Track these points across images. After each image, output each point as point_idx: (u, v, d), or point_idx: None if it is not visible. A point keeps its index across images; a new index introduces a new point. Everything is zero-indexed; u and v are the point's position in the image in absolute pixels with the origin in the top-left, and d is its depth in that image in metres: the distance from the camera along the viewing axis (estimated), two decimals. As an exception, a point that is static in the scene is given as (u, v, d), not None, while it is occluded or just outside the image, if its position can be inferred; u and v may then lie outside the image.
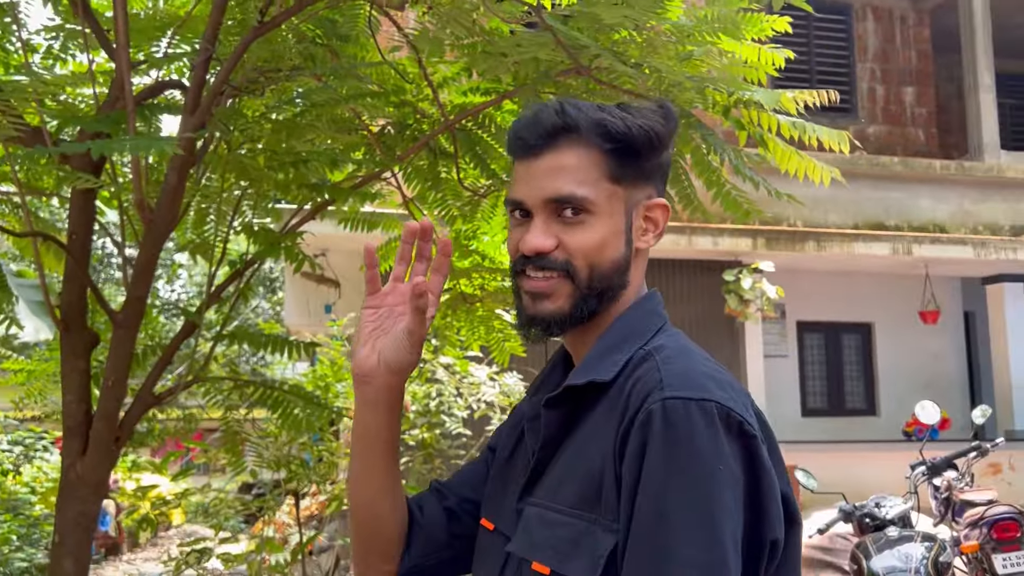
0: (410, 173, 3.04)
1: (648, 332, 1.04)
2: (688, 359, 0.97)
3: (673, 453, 0.88)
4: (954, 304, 10.24)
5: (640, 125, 1.02)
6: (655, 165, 1.07)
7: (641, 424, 0.90)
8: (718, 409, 0.90)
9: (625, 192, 1.04)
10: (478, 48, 2.57)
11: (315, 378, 4.01)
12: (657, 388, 0.92)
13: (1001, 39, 10.35)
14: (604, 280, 1.03)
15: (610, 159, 1.03)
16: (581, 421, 1.01)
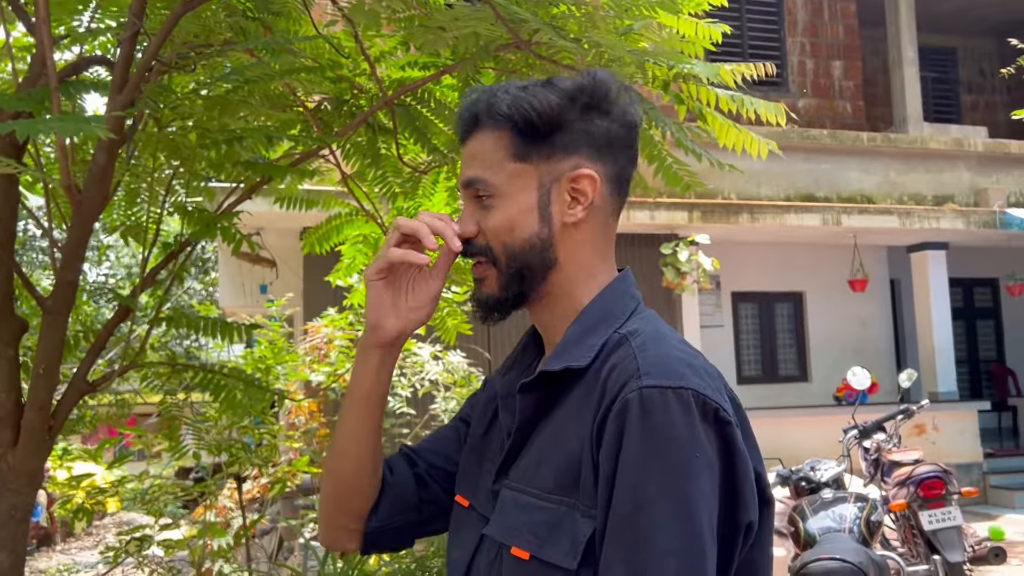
0: (349, 150, 2.99)
1: (623, 314, 1.04)
2: (663, 345, 0.97)
3: (650, 441, 0.88)
4: (881, 272, 10.58)
5: (526, 102, 1.02)
6: (578, 135, 1.04)
7: (618, 413, 0.90)
8: (694, 397, 0.90)
9: (536, 168, 1.04)
10: (415, 22, 2.54)
11: (254, 360, 3.94)
12: (634, 376, 0.92)
13: (923, 14, 10.65)
14: (519, 259, 1.04)
15: (515, 138, 1.03)
16: (557, 404, 1.01)
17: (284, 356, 3.84)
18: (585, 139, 1.05)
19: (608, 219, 1.08)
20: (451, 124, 2.94)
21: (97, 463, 3.88)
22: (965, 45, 13.01)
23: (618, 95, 1.05)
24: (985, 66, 13.18)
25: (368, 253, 3.44)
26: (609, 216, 1.08)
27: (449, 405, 5.11)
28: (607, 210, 1.07)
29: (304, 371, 4.59)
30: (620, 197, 1.09)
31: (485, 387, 1.24)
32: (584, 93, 1.03)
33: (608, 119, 1.05)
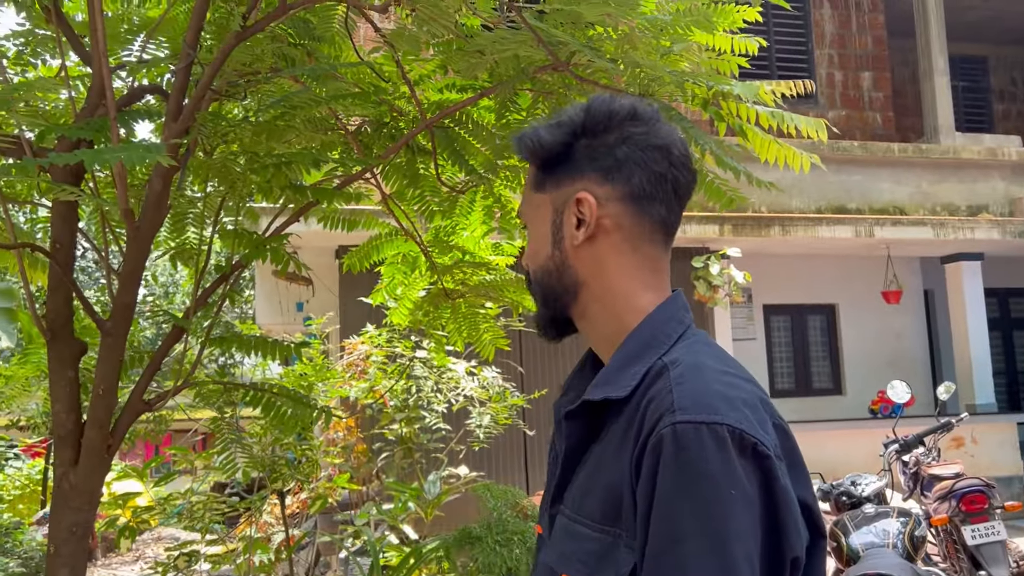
0: (388, 171, 3.05)
1: (667, 340, 1.03)
2: (700, 377, 0.95)
3: (684, 478, 0.88)
4: (915, 283, 10.48)
5: (531, 137, 1.09)
6: (582, 161, 1.07)
7: (652, 448, 0.90)
8: (730, 432, 0.89)
9: (551, 196, 1.09)
10: (454, 46, 2.60)
11: (296, 378, 4.01)
12: (668, 411, 0.91)
13: (953, 22, 10.57)
14: (540, 284, 1.11)
15: (536, 171, 1.11)
16: (601, 432, 1.02)
17: (325, 373, 3.90)
18: (589, 164, 1.08)
19: (638, 240, 1.07)
20: (488, 144, 2.99)
21: (143, 481, 3.97)
22: (996, 53, 12.89)
23: (624, 117, 1.07)
24: (1017, 75, 13.03)
25: (406, 271, 3.50)
26: (638, 237, 1.07)
27: (484, 420, 5.15)
28: (631, 231, 1.07)
29: (344, 387, 4.66)
30: (651, 217, 1.07)
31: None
32: (583, 121, 1.08)
33: (611, 141, 1.07)
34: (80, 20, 2.58)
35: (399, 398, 5.17)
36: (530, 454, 7.92)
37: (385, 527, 4.72)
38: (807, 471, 0.98)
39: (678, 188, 1.08)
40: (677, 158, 1.07)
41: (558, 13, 2.29)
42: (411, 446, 5.32)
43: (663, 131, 1.08)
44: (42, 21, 2.45)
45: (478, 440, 4.91)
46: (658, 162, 1.06)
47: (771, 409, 0.97)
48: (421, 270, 3.45)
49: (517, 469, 7.83)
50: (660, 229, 1.08)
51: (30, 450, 8.62)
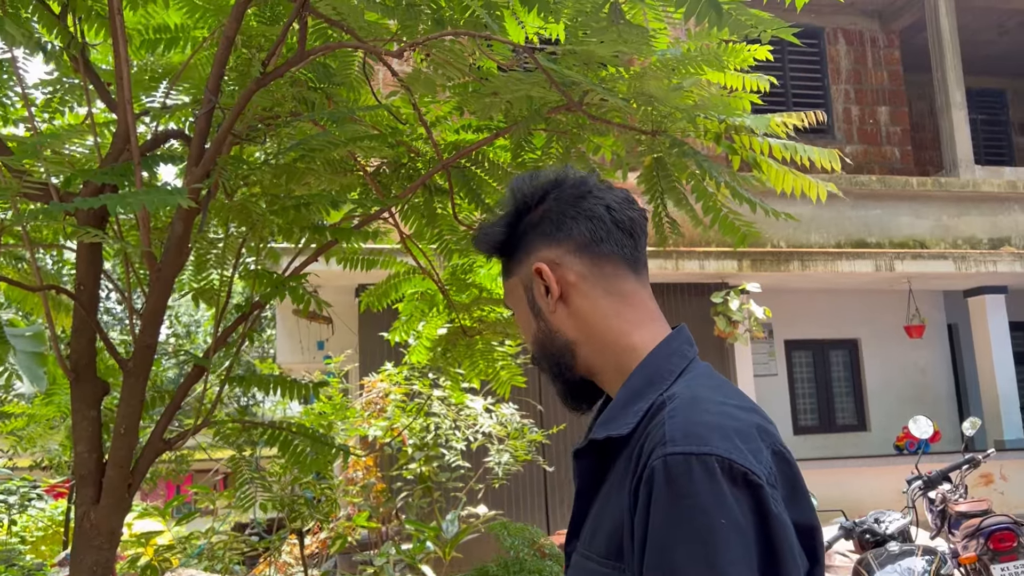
0: (406, 210, 3.09)
1: (670, 376, 1.05)
2: (694, 409, 0.97)
3: (675, 509, 0.89)
4: (938, 317, 10.38)
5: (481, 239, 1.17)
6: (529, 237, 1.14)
7: (646, 481, 0.92)
8: (719, 462, 0.90)
9: (519, 279, 1.15)
10: (469, 88, 2.65)
11: (315, 416, 4.02)
12: (660, 444, 0.93)
13: (969, 55, 10.60)
14: (540, 355, 1.15)
15: (501, 263, 1.19)
16: (611, 469, 1.04)
17: (344, 411, 3.92)
18: (535, 235, 1.14)
19: (605, 283, 1.10)
20: (504, 183, 3.03)
21: (164, 521, 3.99)
22: (1014, 87, 12.87)
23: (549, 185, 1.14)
24: (1036, 107, 13.00)
25: (424, 309, 3.52)
26: (604, 280, 1.10)
27: (503, 458, 5.13)
28: (594, 277, 1.10)
29: (362, 426, 4.67)
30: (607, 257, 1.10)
31: None
32: (514, 203, 1.15)
33: (545, 208, 1.13)
34: (106, 69, 2.65)
35: (418, 436, 5.17)
36: (550, 491, 7.86)
37: (404, 567, 4.70)
38: (809, 496, 0.99)
39: (624, 225, 1.11)
40: (612, 200, 1.12)
41: (571, 55, 2.33)
42: (430, 485, 5.31)
43: (590, 182, 1.14)
44: (70, 70, 2.53)
45: (497, 478, 4.89)
46: (594, 208, 1.11)
47: (770, 437, 0.97)
48: (439, 308, 3.48)
49: (537, 507, 7.78)
50: (622, 265, 1.11)
51: (53, 490, 8.68)
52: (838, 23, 10.69)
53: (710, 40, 2.49)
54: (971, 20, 10.56)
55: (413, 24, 2.27)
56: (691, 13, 1.90)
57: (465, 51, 2.32)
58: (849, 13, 10.53)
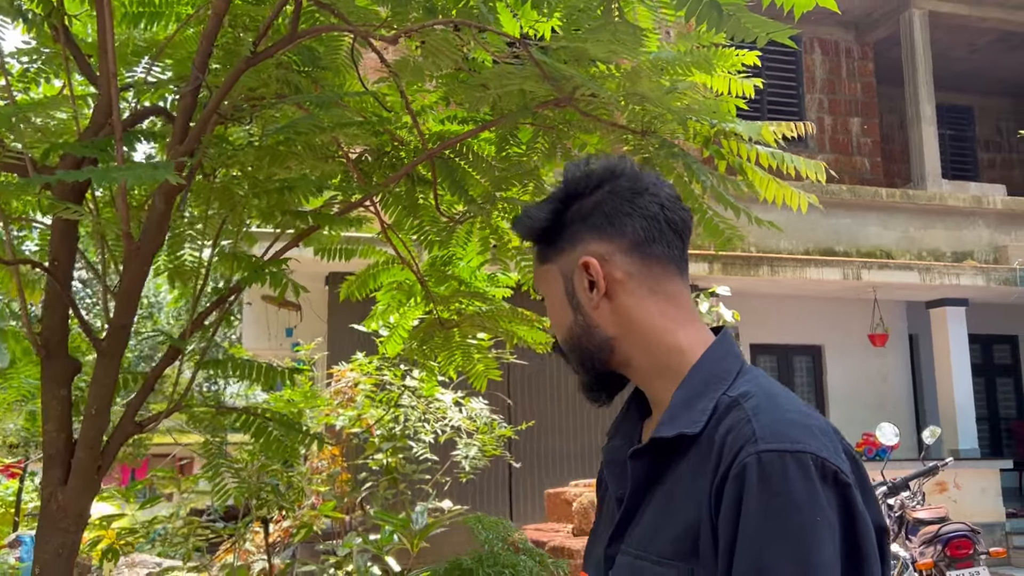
0: (387, 200, 3.06)
1: (728, 376, 1.05)
2: (776, 407, 0.97)
3: (770, 506, 0.89)
4: (900, 327, 10.55)
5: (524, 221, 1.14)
6: (578, 226, 1.12)
7: (735, 477, 0.91)
8: (813, 460, 0.90)
9: (558, 266, 1.13)
10: (457, 78, 2.62)
11: (284, 404, 3.98)
12: (750, 441, 0.92)
13: (939, 71, 10.77)
14: (573, 349, 1.12)
15: (538, 247, 1.15)
16: (669, 469, 1.02)
17: (314, 400, 3.88)
18: (584, 226, 1.12)
19: (652, 283, 1.09)
20: (487, 176, 3.01)
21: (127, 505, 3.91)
22: (981, 104, 13.13)
23: (602, 176, 1.12)
24: (1002, 124, 13.27)
25: (401, 300, 3.50)
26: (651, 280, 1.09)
27: (471, 452, 5.12)
28: (642, 277, 1.09)
29: (331, 415, 4.63)
30: (657, 258, 1.10)
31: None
32: (565, 189, 1.12)
33: (597, 199, 1.11)
34: (85, 41, 2.59)
35: (386, 427, 5.14)
36: (515, 486, 7.87)
37: (367, 558, 4.67)
38: (876, 496, 1.00)
39: (675, 226, 1.11)
40: (666, 198, 1.11)
41: (562, 50, 2.32)
42: (396, 476, 5.28)
43: (646, 178, 1.12)
44: (49, 40, 2.46)
45: (464, 472, 4.88)
46: (648, 206, 1.10)
47: (841, 437, 0.98)
48: (417, 299, 3.45)
49: (501, 501, 7.78)
50: (670, 266, 1.10)
51: (7, 470, 8.49)
52: (815, 33, 10.81)
53: (698, 42, 2.50)
54: (943, 36, 10.74)
55: (404, 11, 2.24)
56: (692, 14, 1.90)
57: (458, 41, 2.30)
58: (826, 23, 10.66)
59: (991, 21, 10.56)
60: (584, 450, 8.26)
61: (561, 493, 6.29)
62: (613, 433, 1.18)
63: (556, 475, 7.90)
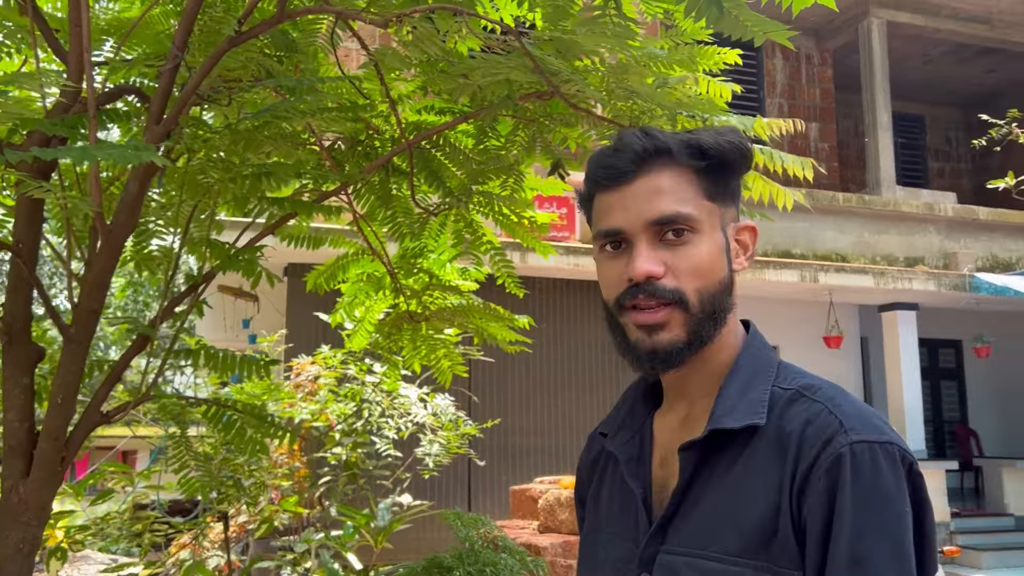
0: (361, 190, 3.00)
1: (771, 368, 1.03)
2: (849, 399, 0.98)
3: (865, 497, 0.90)
4: (853, 329, 10.75)
5: (730, 140, 1.02)
6: (737, 187, 1.07)
7: (829, 469, 0.91)
8: (899, 452, 0.93)
9: (721, 210, 1.04)
10: (437, 68, 2.58)
11: (245, 396, 3.88)
12: (840, 432, 0.93)
13: (894, 80, 11.00)
14: (714, 301, 1.01)
15: (703, 177, 1.02)
16: (723, 463, 0.99)
17: (282, 392, 3.79)
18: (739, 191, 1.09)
19: None
20: (464, 168, 2.97)
21: (78, 499, 3.78)
22: (933, 113, 13.44)
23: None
24: (951, 134, 13.60)
25: (369, 292, 3.43)
26: None
27: (433, 449, 5.07)
28: None
29: (291, 408, 4.54)
30: None
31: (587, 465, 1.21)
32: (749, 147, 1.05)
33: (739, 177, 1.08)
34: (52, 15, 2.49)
35: (347, 422, 5.06)
36: (474, 484, 7.83)
37: (327, 555, 4.59)
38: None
39: None
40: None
41: (549, 42, 2.29)
42: (356, 472, 5.20)
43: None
44: (15, 14, 2.36)
45: (427, 468, 4.83)
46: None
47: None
48: (385, 291, 3.40)
49: (460, 498, 7.73)
50: None
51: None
52: (776, 38, 10.95)
53: (680, 39, 2.49)
54: (899, 46, 10.97)
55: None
56: (692, 9, 1.88)
57: (444, 28, 2.25)
58: (788, 29, 10.79)
59: (944, 33, 10.81)
60: (547, 447, 8.25)
61: (526, 490, 6.27)
62: (614, 429, 1.13)
63: (518, 472, 7.88)
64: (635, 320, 1.01)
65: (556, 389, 8.38)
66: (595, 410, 8.34)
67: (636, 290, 1.00)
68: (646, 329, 1.01)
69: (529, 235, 3.17)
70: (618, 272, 1.02)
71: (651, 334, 1.00)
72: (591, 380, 8.38)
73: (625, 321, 1.02)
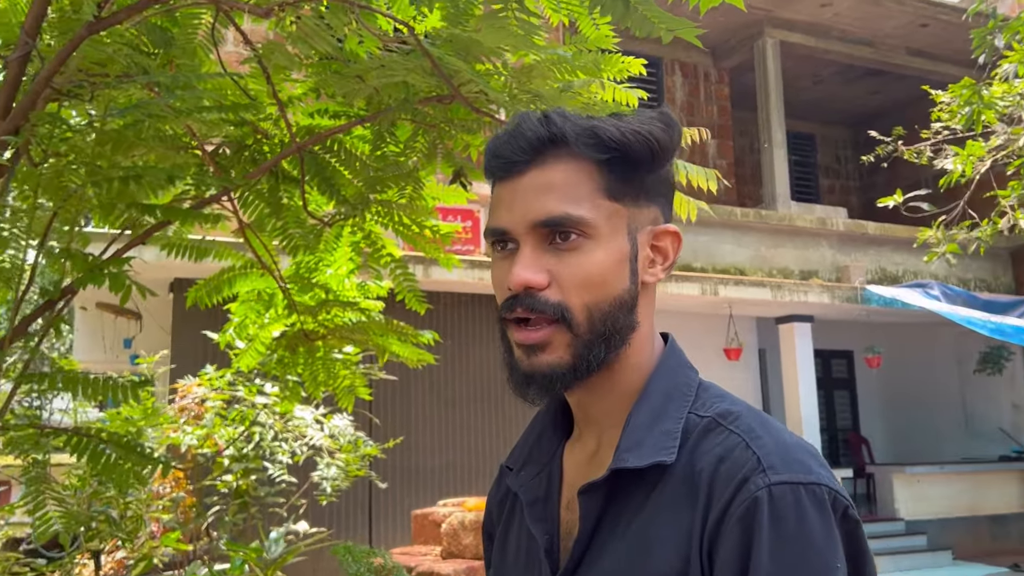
0: (248, 197, 2.79)
1: (690, 391, 0.90)
2: (772, 429, 0.83)
3: (787, 551, 0.74)
4: (751, 341, 10.98)
5: (637, 131, 0.86)
6: (658, 181, 0.91)
7: (742, 516, 0.76)
8: (828, 494, 0.77)
9: (628, 212, 0.88)
10: (330, 68, 2.41)
11: (121, 422, 3.57)
12: (757, 472, 0.77)
13: (786, 99, 11.35)
14: (607, 320, 0.86)
15: (606, 172, 0.87)
16: (629, 503, 0.85)
17: (160, 417, 3.50)
18: (663, 187, 0.93)
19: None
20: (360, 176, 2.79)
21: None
22: (823, 132, 13.95)
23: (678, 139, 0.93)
24: (840, 152, 14.14)
25: (260, 310, 3.21)
26: None
27: (331, 472, 4.82)
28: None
29: (175, 434, 4.23)
30: None
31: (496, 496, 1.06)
32: (674, 136, 0.90)
33: (671, 167, 0.93)
34: None
35: (236, 447, 4.76)
36: (375, 508, 7.55)
37: (215, 590, 4.29)
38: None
39: None
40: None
41: (448, 43, 2.16)
42: (247, 500, 4.91)
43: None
44: None
45: (325, 494, 4.58)
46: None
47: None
48: (278, 309, 3.18)
49: (361, 524, 7.44)
50: None
51: None
52: (676, 55, 11.15)
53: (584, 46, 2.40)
54: (792, 66, 11.32)
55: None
56: (597, 3, 1.78)
57: (336, 23, 2.08)
58: (686, 47, 11.00)
59: (834, 54, 11.21)
60: (452, 465, 8.06)
61: (429, 514, 6.05)
62: (521, 462, 0.98)
63: (422, 494, 7.66)
64: (515, 337, 0.87)
65: (461, 406, 8.20)
66: (502, 427, 8.21)
67: (514, 301, 0.86)
68: (525, 349, 0.86)
69: (432, 246, 3.01)
70: (502, 277, 0.88)
71: (530, 355, 0.86)
72: (498, 396, 8.24)
73: (510, 335, 0.88)
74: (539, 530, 0.90)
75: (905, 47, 11.40)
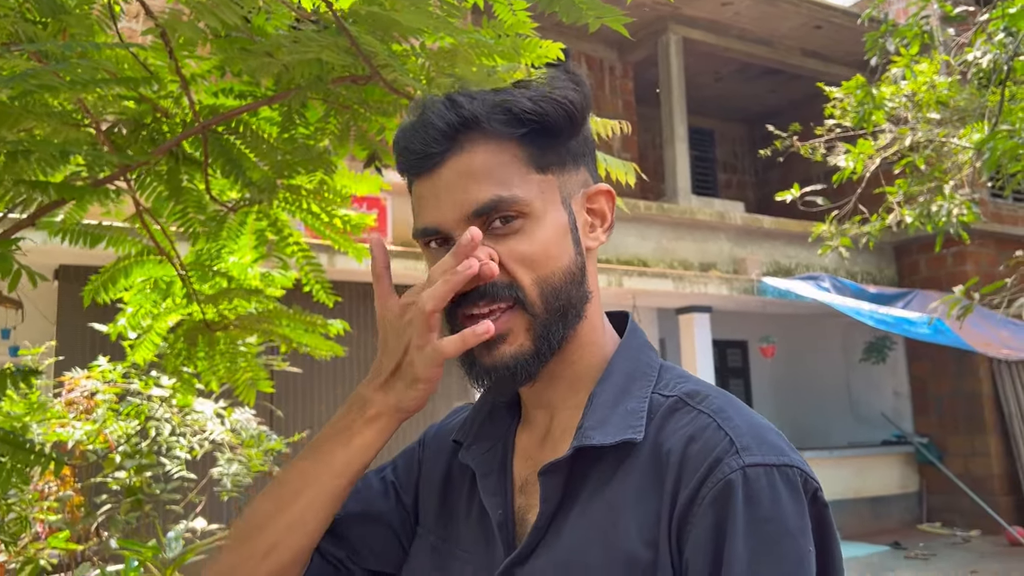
0: (145, 179, 2.64)
1: (652, 370, 0.87)
2: (741, 410, 0.81)
3: (761, 533, 0.72)
4: (653, 332, 11.20)
5: (551, 97, 0.84)
6: (581, 142, 0.90)
7: (715, 499, 0.74)
8: (800, 476, 0.76)
9: (557, 181, 0.86)
10: (237, 45, 2.30)
11: (4, 417, 3.34)
12: (729, 453, 0.75)
13: (688, 95, 11.60)
14: (560, 295, 0.84)
15: (527, 146, 0.84)
16: (590, 482, 0.82)
17: (50, 411, 3.29)
18: (586, 147, 0.91)
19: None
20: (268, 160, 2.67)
21: None
22: (721, 128, 14.34)
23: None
24: (738, 148, 14.57)
25: (157, 300, 3.05)
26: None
27: (232, 468, 4.65)
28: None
29: (62, 430, 3.99)
30: None
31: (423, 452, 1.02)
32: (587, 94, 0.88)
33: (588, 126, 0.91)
34: None
35: (130, 443, 4.54)
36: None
37: (107, 593, 4.07)
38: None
39: None
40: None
41: (364, 22, 2.09)
42: (141, 497, 4.68)
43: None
44: None
45: (226, 490, 4.41)
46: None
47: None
48: (175, 299, 3.02)
49: (260, 519, 7.22)
50: None
51: None
52: (583, 48, 11.23)
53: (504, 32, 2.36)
54: (694, 63, 11.57)
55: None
56: (524, -16, 1.74)
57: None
58: (592, 40, 11.11)
59: (733, 52, 11.52)
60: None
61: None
62: (471, 438, 0.94)
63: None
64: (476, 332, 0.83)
65: (365, 398, 8.05)
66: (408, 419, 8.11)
67: (463, 298, 0.84)
68: (484, 343, 0.83)
69: (341, 236, 2.92)
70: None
71: (490, 349, 0.84)
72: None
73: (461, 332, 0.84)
74: (494, 504, 0.87)
75: (800, 48, 11.81)
